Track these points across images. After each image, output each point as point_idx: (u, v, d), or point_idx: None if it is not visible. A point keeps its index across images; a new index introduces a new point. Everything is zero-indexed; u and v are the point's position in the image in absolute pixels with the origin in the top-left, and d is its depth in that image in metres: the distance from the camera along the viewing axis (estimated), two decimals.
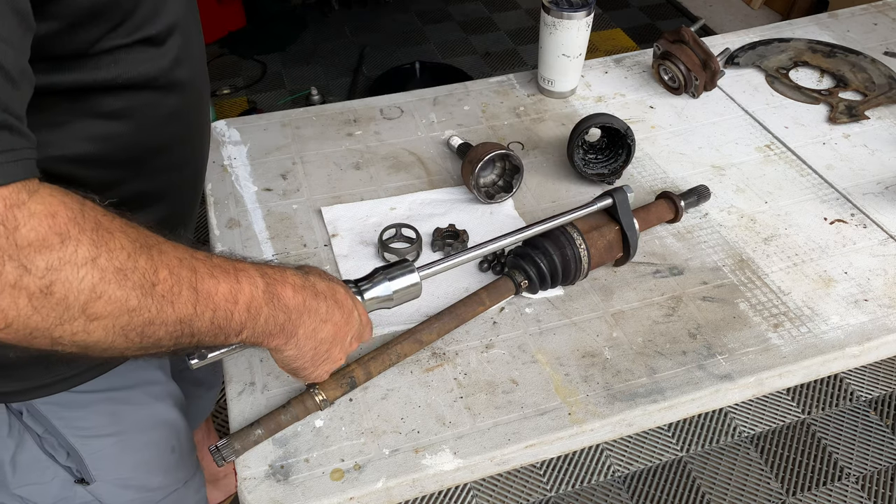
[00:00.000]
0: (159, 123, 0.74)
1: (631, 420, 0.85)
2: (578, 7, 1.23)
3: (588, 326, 0.94)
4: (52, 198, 0.48)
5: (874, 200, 1.13)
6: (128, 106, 0.69)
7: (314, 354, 0.72)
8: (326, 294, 0.71)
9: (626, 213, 0.98)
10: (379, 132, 1.28)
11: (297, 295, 0.67)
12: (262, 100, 2.99)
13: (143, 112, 0.71)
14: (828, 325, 0.95)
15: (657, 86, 1.38)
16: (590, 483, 1.75)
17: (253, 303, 0.62)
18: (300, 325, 0.68)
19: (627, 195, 0.98)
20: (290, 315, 0.66)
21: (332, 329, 0.72)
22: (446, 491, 1.72)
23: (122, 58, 0.65)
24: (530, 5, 3.63)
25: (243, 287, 0.61)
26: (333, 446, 0.81)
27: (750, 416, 1.89)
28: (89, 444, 0.91)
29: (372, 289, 0.81)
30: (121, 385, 0.90)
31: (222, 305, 0.59)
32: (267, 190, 1.15)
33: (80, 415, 0.88)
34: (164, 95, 0.73)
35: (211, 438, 1.58)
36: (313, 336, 0.70)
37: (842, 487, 1.75)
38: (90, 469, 0.93)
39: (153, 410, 0.98)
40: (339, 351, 0.75)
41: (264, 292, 0.63)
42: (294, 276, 0.68)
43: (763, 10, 3.45)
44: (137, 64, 0.67)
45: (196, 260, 0.58)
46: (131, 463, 0.97)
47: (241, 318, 0.61)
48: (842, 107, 1.32)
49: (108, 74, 0.65)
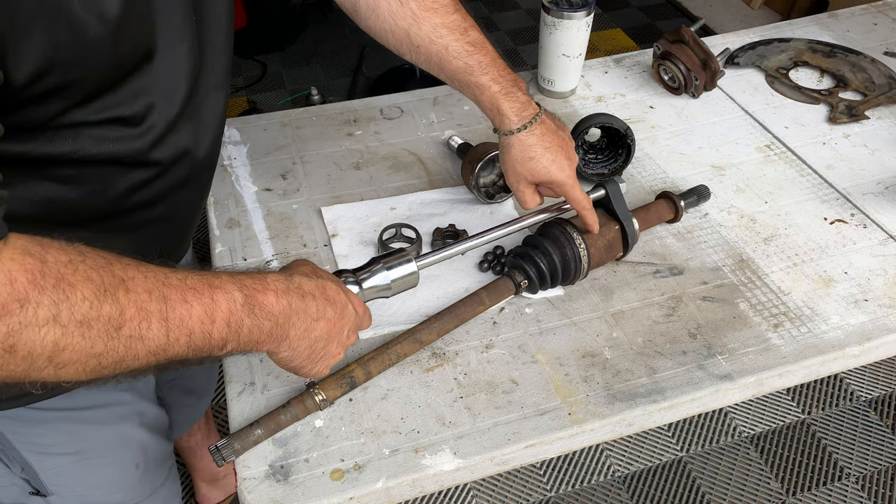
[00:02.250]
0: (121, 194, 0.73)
1: (631, 420, 0.85)
2: (578, 7, 1.23)
3: (588, 326, 0.94)
4: (12, 262, 0.48)
5: (874, 200, 1.13)
6: (83, 174, 0.68)
7: (310, 353, 0.72)
8: (315, 293, 0.70)
9: (621, 204, 0.96)
10: (379, 132, 1.28)
11: (280, 300, 0.66)
12: (262, 100, 2.99)
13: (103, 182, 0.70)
14: (828, 325, 0.95)
15: (657, 86, 1.38)
16: (590, 483, 1.75)
17: (232, 318, 0.61)
18: (290, 328, 0.68)
19: (620, 185, 0.97)
20: (276, 321, 0.66)
21: (325, 326, 0.71)
22: (446, 491, 1.72)
23: (84, 133, 0.65)
24: (530, 5, 3.63)
25: (219, 305, 0.60)
26: (333, 446, 0.81)
27: (750, 416, 1.89)
28: (46, 460, 0.90)
29: (370, 278, 0.82)
30: (84, 405, 0.89)
31: (198, 328, 0.59)
32: (267, 190, 1.15)
33: (38, 431, 0.87)
34: (133, 170, 0.72)
35: (211, 438, 1.58)
36: (306, 336, 0.70)
37: (842, 487, 1.75)
38: (46, 484, 0.91)
39: (118, 430, 0.96)
40: (336, 346, 0.75)
41: (244, 305, 0.62)
42: (277, 282, 0.67)
43: (763, 10, 3.45)
44: (103, 142, 0.66)
45: (168, 287, 0.57)
46: (91, 481, 0.96)
47: (222, 334, 0.61)
48: (842, 107, 1.32)
49: (65, 148, 0.64)
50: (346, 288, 0.77)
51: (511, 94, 0.91)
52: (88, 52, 0.58)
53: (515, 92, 0.91)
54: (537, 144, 0.91)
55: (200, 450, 1.57)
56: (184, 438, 1.52)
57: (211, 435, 1.59)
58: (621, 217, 0.96)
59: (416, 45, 0.91)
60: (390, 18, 0.90)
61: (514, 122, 0.90)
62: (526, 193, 0.95)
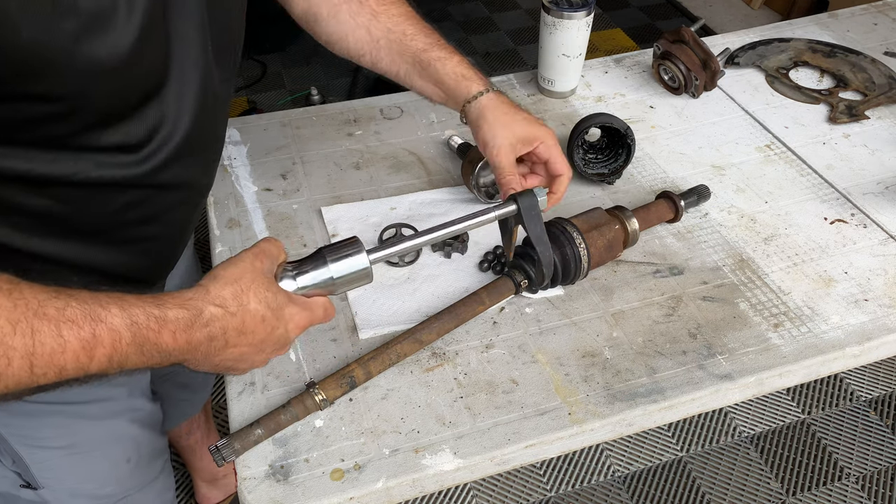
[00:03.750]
0: (116, 211, 0.72)
1: (631, 420, 0.85)
2: (578, 7, 1.23)
3: (588, 326, 0.94)
4: None
5: (874, 200, 1.13)
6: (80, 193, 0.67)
7: (214, 369, 0.69)
8: (228, 327, 0.65)
9: (534, 222, 0.81)
10: (379, 132, 1.28)
11: (179, 338, 0.62)
12: (262, 100, 2.99)
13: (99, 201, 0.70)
14: (828, 325, 0.95)
15: (657, 86, 1.38)
16: (590, 483, 1.75)
17: (115, 355, 0.58)
18: (187, 358, 0.64)
19: (538, 199, 0.81)
20: (170, 355, 0.62)
21: (236, 352, 0.68)
22: (446, 491, 1.72)
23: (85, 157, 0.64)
24: (530, 5, 3.63)
25: (101, 341, 0.57)
26: (333, 446, 0.81)
27: (750, 416, 1.89)
28: (36, 453, 0.90)
29: (303, 276, 0.72)
30: (76, 399, 0.89)
31: (72, 364, 0.56)
32: (267, 190, 1.15)
33: (30, 424, 0.87)
34: (129, 191, 0.71)
35: (211, 438, 1.58)
36: (207, 360, 0.67)
37: (842, 487, 1.75)
38: (36, 477, 0.92)
39: (109, 425, 0.96)
40: (248, 364, 0.71)
41: (130, 344, 0.59)
42: (177, 322, 0.62)
43: (763, 10, 3.45)
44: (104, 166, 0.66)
45: (40, 318, 0.53)
46: (81, 474, 0.96)
47: (101, 368, 0.58)
48: (842, 107, 1.32)
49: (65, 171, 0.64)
50: (282, 304, 0.69)
51: (474, 68, 0.94)
52: (98, 85, 0.58)
53: (476, 69, 0.95)
54: (507, 104, 0.92)
55: (200, 449, 1.57)
56: (184, 438, 1.52)
57: (211, 435, 1.59)
58: (533, 240, 0.82)
59: (375, 39, 0.94)
60: (350, 19, 0.94)
61: (479, 85, 0.92)
62: (507, 160, 0.90)
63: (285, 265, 0.74)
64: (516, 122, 0.91)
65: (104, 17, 0.56)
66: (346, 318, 0.95)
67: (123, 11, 0.58)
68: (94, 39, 0.56)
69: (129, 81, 0.62)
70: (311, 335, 0.92)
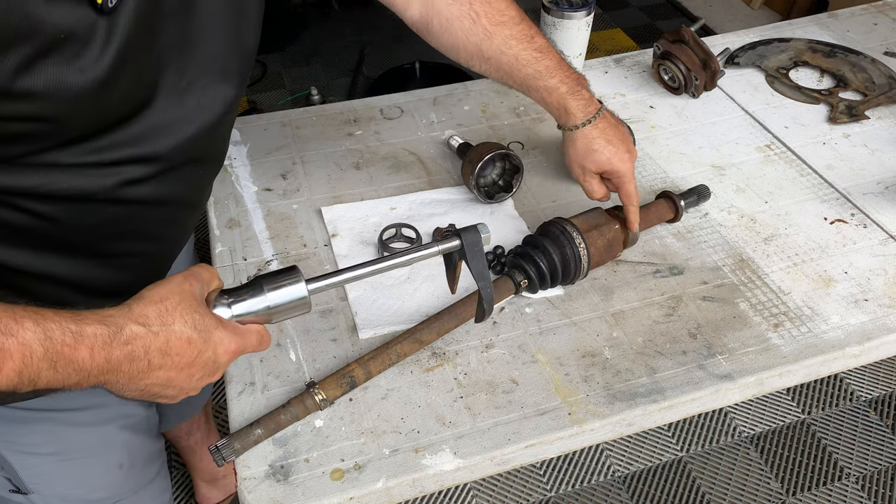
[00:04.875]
0: (91, 227, 0.71)
1: (631, 420, 0.85)
2: (578, 7, 1.23)
3: (588, 326, 0.94)
4: None
5: (874, 200, 1.13)
6: (54, 209, 0.66)
7: (141, 395, 0.66)
8: (149, 346, 0.62)
9: (477, 258, 0.78)
10: (379, 132, 1.27)
11: (97, 356, 0.59)
12: (262, 100, 2.99)
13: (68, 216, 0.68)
14: (828, 325, 0.95)
15: (657, 86, 1.38)
16: (590, 483, 1.75)
17: (26, 370, 0.56)
18: (108, 378, 0.61)
19: (481, 236, 0.78)
20: (88, 374, 0.59)
21: (162, 375, 0.64)
22: (446, 491, 1.72)
23: (55, 171, 0.63)
24: (530, 5, 3.62)
25: (10, 354, 0.54)
26: (333, 446, 0.81)
27: (750, 416, 1.89)
28: (25, 459, 0.89)
29: (239, 304, 0.70)
30: (67, 406, 0.87)
31: None
32: (267, 190, 1.15)
33: (19, 431, 0.86)
34: (105, 206, 0.70)
35: (211, 438, 1.58)
36: (131, 384, 0.63)
37: (842, 487, 1.75)
38: (26, 482, 0.91)
39: (100, 432, 0.95)
40: (177, 391, 0.68)
41: (42, 359, 0.56)
42: (95, 338, 0.59)
43: (763, 10, 3.45)
44: (74, 178, 0.65)
45: None
46: (72, 480, 0.95)
47: (10, 382, 0.56)
48: (842, 107, 1.32)
49: (33, 182, 0.62)
50: (210, 327, 0.66)
51: (577, 93, 0.97)
52: (70, 106, 0.57)
53: (580, 90, 0.98)
54: (600, 137, 0.97)
55: (200, 450, 1.57)
56: (184, 438, 1.52)
57: (211, 435, 1.59)
58: (475, 276, 0.79)
59: (487, 58, 0.97)
60: (463, 36, 0.96)
61: (578, 118, 0.97)
62: (592, 183, 1.01)
63: (219, 293, 0.71)
64: (601, 156, 0.97)
65: (76, 42, 0.55)
66: (346, 318, 0.95)
67: (100, 39, 0.57)
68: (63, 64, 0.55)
69: (102, 107, 0.60)
70: (311, 335, 0.92)
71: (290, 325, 0.94)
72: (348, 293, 0.98)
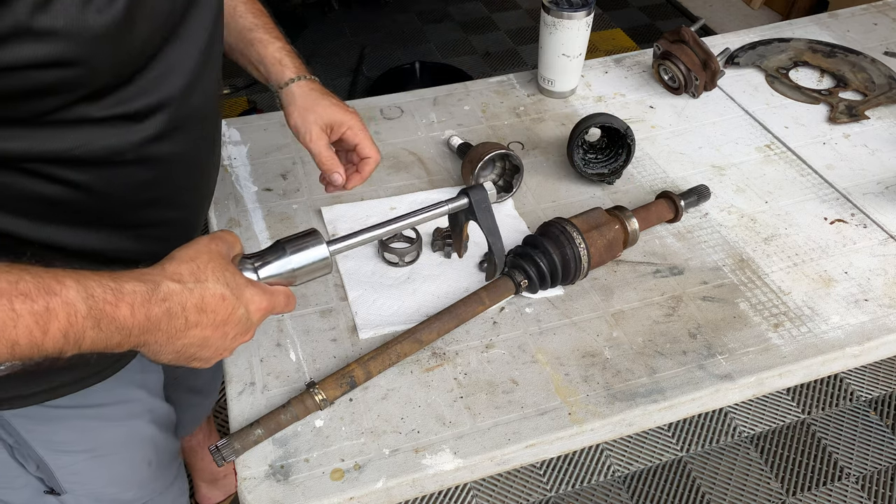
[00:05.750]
0: (122, 193, 0.72)
1: (631, 420, 0.85)
2: (578, 7, 1.23)
3: (588, 326, 0.94)
4: None
5: (874, 200, 1.13)
6: (85, 176, 0.67)
7: (177, 357, 0.66)
8: (186, 304, 0.63)
9: (486, 214, 0.83)
10: (379, 132, 1.27)
11: (137, 313, 0.59)
12: (262, 100, 2.99)
13: (101, 183, 0.69)
14: (828, 325, 0.95)
15: (657, 86, 1.38)
16: (590, 483, 1.75)
17: (71, 329, 0.56)
18: (147, 339, 0.62)
19: (487, 193, 0.85)
20: (129, 333, 0.60)
21: (198, 333, 0.65)
22: (446, 491, 1.72)
23: (86, 130, 0.64)
24: (530, 5, 3.63)
25: (56, 314, 0.55)
26: (333, 446, 0.81)
27: (750, 416, 1.89)
28: (60, 458, 0.90)
29: (265, 266, 0.72)
30: (96, 402, 0.89)
31: (24, 338, 0.54)
32: (267, 190, 1.15)
33: (53, 429, 0.87)
34: (133, 169, 0.71)
35: (211, 438, 1.58)
36: (169, 344, 0.64)
37: (842, 487, 1.75)
38: (60, 482, 0.92)
39: (129, 428, 0.96)
40: (212, 351, 0.68)
41: (87, 317, 0.56)
42: (135, 293, 0.60)
43: (763, 10, 3.45)
44: (106, 137, 0.66)
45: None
46: (104, 478, 0.96)
47: (57, 345, 0.56)
48: (842, 107, 1.32)
49: (66, 145, 0.63)
50: (241, 284, 0.68)
51: (292, 53, 0.96)
52: (92, 48, 0.58)
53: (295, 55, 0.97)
54: (317, 90, 0.95)
55: (201, 450, 1.57)
56: (184, 438, 1.52)
57: (211, 435, 1.59)
58: (486, 232, 0.83)
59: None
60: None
61: (294, 72, 0.95)
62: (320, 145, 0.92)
63: (243, 257, 0.73)
64: (323, 108, 0.93)
65: None
66: (346, 318, 0.95)
67: None
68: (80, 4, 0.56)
69: (125, 47, 0.61)
70: (311, 335, 0.92)
71: (290, 325, 0.94)
72: (348, 293, 0.98)
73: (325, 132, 0.93)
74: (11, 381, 0.78)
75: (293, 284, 0.74)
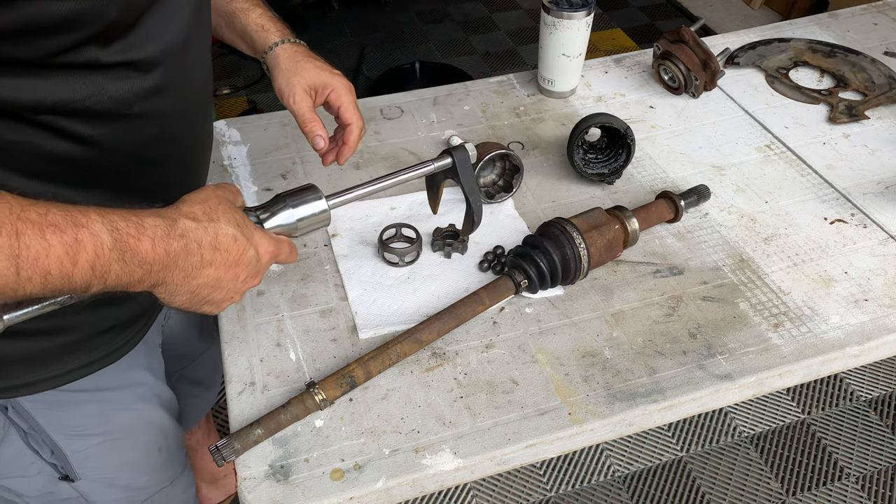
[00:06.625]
0: (129, 150, 0.73)
1: (631, 420, 0.85)
2: (578, 7, 1.23)
3: (588, 326, 0.94)
4: None
5: (874, 200, 1.13)
6: (94, 131, 0.68)
7: (191, 298, 0.68)
8: (202, 240, 0.65)
9: (468, 174, 0.88)
10: (379, 132, 1.27)
11: (158, 247, 0.61)
12: (262, 100, 2.99)
13: (109, 138, 0.70)
14: (828, 325, 0.95)
15: (657, 86, 1.38)
16: (590, 483, 1.75)
17: (98, 262, 0.57)
18: (166, 275, 0.63)
19: (469, 153, 0.88)
20: (150, 268, 0.61)
21: (212, 273, 0.67)
22: (446, 491, 1.72)
23: (95, 77, 0.65)
24: (530, 5, 3.63)
25: (84, 246, 0.56)
26: (333, 446, 0.81)
27: (750, 416, 1.89)
28: (74, 443, 0.91)
29: (272, 218, 0.76)
30: (107, 386, 0.90)
31: (56, 268, 0.55)
32: (267, 190, 1.15)
33: (66, 414, 0.88)
34: (139, 124, 0.72)
35: (211, 438, 1.58)
36: (185, 283, 0.66)
37: (842, 487, 1.75)
38: (74, 467, 0.93)
39: (140, 412, 0.98)
40: (224, 293, 0.70)
41: (112, 249, 0.58)
42: (156, 227, 0.62)
43: (763, 10, 3.45)
44: (112, 87, 0.67)
45: (24, 222, 0.53)
46: (117, 463, 0.97)
47: (85, 277, 0.57)
48: (842, 107, 1.32)
49: (76, 94, 0.64)
50: (250, 227, 0.71)
51: (275, 20, 0.96)
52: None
53: (278, 20, 0.96)
54: (302, 52, 0.94)
55: (200, 449, 1.57)
56: (184, 437, 1.53)
57: (211, 435, 1.59)
58: (466, 190, 0.88)
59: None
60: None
61: (277, 35, 0.94)
62: (303, 107, 0.93)
63: (245, 209, 0.75)
64: (307, 70, 0.93)
65: None
66: (346, 318, 0.95)
67: None
68: None
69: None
70: (311, 335, 0.92)
71: (290, 325, 0.94)
72: (348, 293, 0.98)
73: (308, 94, 0.93)
74: (19, 368, 0.79)
75: (293, 236, 0.78)
